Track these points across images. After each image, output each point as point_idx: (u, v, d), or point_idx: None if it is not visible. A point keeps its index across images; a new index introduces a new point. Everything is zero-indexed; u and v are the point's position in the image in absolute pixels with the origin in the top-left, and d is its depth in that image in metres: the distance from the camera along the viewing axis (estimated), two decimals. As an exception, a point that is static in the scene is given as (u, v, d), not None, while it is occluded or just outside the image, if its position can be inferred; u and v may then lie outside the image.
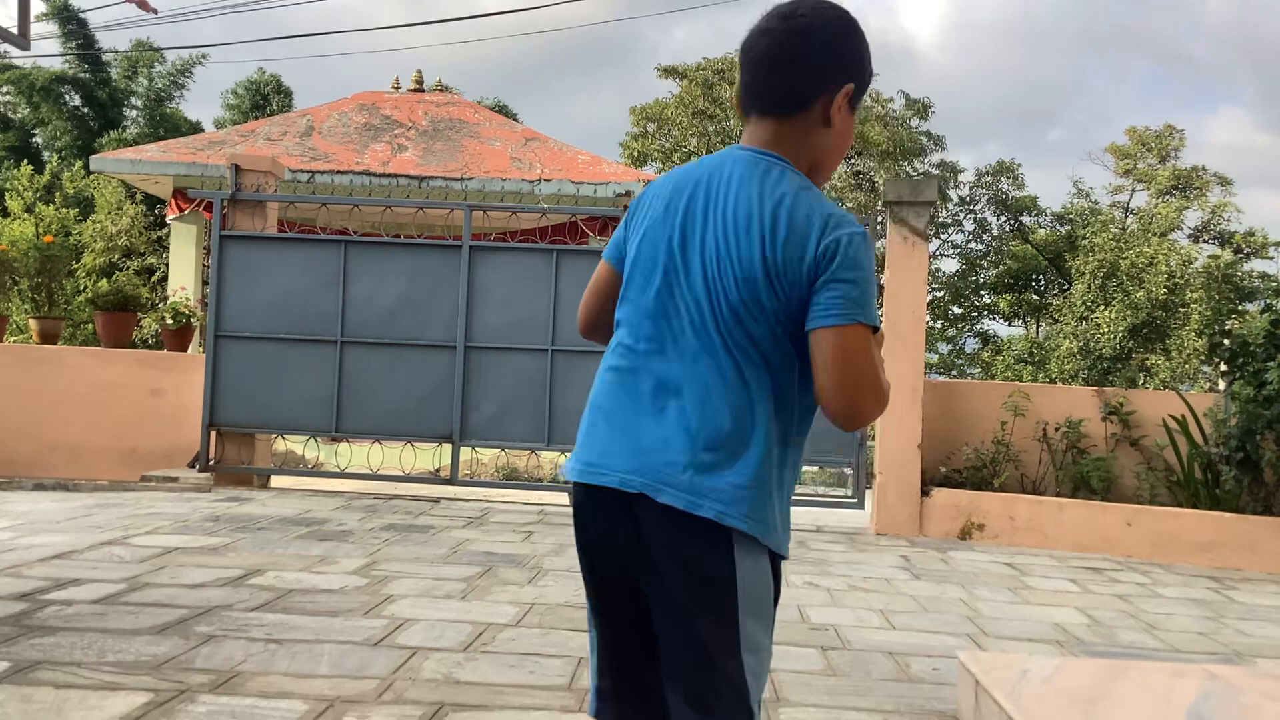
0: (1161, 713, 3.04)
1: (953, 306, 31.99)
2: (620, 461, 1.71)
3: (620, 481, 1.70)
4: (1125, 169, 31.38)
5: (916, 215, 8.03)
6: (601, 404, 1.79)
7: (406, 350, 8.38)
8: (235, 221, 8.62)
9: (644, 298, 1.76)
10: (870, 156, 29.84)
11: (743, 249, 1.68)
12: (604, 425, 1.77)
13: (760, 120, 1.78)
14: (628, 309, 1.80)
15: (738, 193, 1.72)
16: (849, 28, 1.78)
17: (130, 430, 8.75)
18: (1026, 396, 8.15)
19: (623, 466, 1.71)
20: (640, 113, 30.92)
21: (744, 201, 1.70)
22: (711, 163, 1.78)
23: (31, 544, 5.53)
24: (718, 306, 1.69)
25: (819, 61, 1.75)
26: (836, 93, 1.76)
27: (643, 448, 1.70)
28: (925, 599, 5.42)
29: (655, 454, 1.69)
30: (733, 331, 1.69)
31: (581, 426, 1.83)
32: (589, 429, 1.80)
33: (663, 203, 1.79)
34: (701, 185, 1.76)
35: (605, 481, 1.72)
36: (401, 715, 3.14)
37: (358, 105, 14.81)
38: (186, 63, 26.92)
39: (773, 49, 1.76)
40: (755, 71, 1.78)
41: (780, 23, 1.76)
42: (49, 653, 3.56)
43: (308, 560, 5.45)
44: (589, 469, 1.75)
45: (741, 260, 1.68)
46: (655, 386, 1.72)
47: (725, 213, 1.71)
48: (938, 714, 3.47)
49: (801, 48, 1.75)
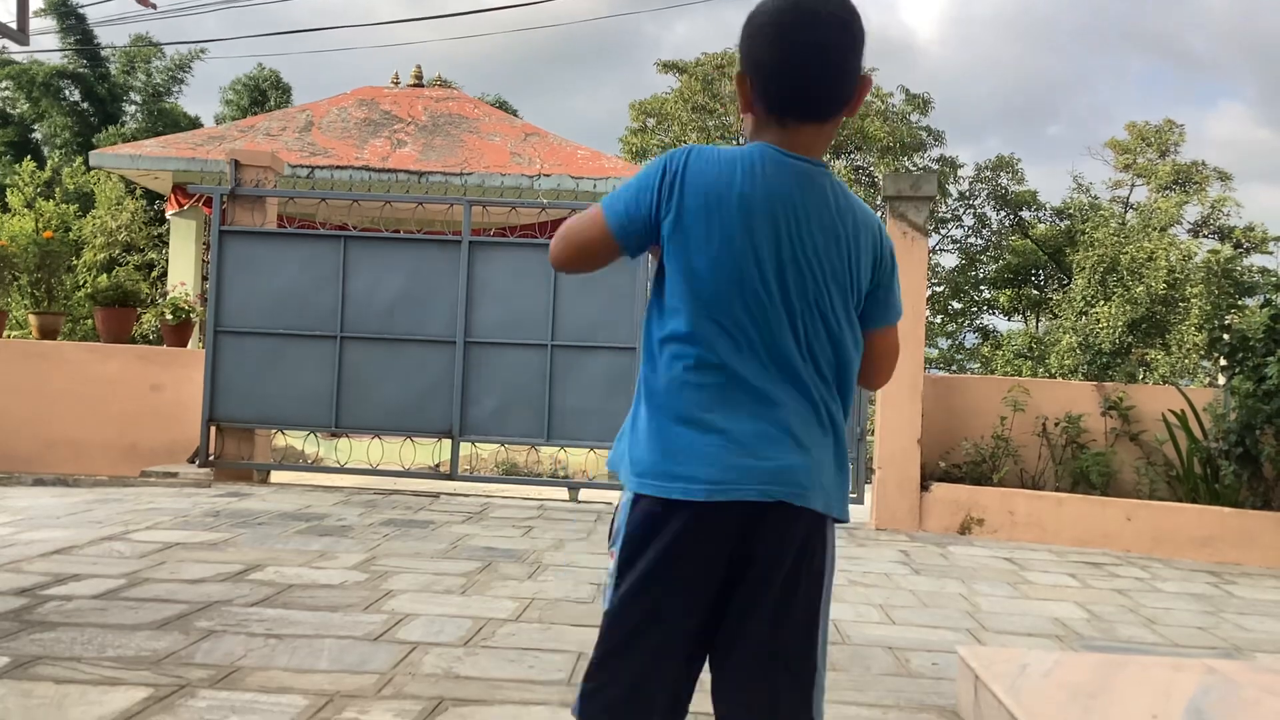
0: (1161, 707, 3.04)
1: (952, 301, 31.98)
2: (744, 474, 1.72)
3: (760, 494, 1.71)
4: (1125, 164, 31.36)
5: (916, 210, 8.03)
6: (697, 416, 1.74)
7: (406, 345, 8.39)
8: (235, 217, 8.62)
9: (729, 312, 1.74)
10: (869, 151, 29.82)
11: (830, 262, 1.77)
12: (714, 438, 1.73)
13: (800, 125, 1.78)
14: (706, 324, 1.75)
15: (817, 209, 1.77)
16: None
17: (130, 426, 8.76)
18: (1026, 391, 8.15)
19: (751, 478, 1.71)
20: (640, 108, 30.90)
21: (823, 217, 1.77)
22: (768, 173, 1.75)
23: (31, 539, 5.53)
24: (806, 317, 1.76)
25: (860, 65, 1.80)
26: (864, 88, 1.82)
27: (765, 456, 1.72)
28: (925, 594, 5.43)
29: (776, 460, 1.73)
30: (816, 335, 1.78)
31: (668, 439, 1.75)
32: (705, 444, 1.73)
33: (734, 216, 1.73)
34: (778, 202, 1.75)
35: (738, 496, 1.71)
36: (401, 710, 3.15)
37: (357, 100, 14.79)
38: (185, 58, 26.90)
39: (837, 62, 1.76)
40: (813, 84, 1.76)
41: (841, 35, 1.75)
42: (49, 648, 3.56)
43: (308, 555, 5.46)
44: (717, 487, 1.71)
45: (829, 272, 1.77)
46: (759, 397, 1.74)
47: (809, 229, 1.76)
48: (937, 709, 3.47)
49: (857, 58, 1.78)
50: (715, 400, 1.74)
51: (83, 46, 25.32)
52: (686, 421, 1.74)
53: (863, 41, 1.78)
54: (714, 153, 1.77)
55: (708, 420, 1.73)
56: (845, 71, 1.77)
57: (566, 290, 8.18)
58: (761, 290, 1.74)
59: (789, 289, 1.75)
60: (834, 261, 1.78)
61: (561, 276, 8.16)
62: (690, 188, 1.74)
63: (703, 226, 1.73)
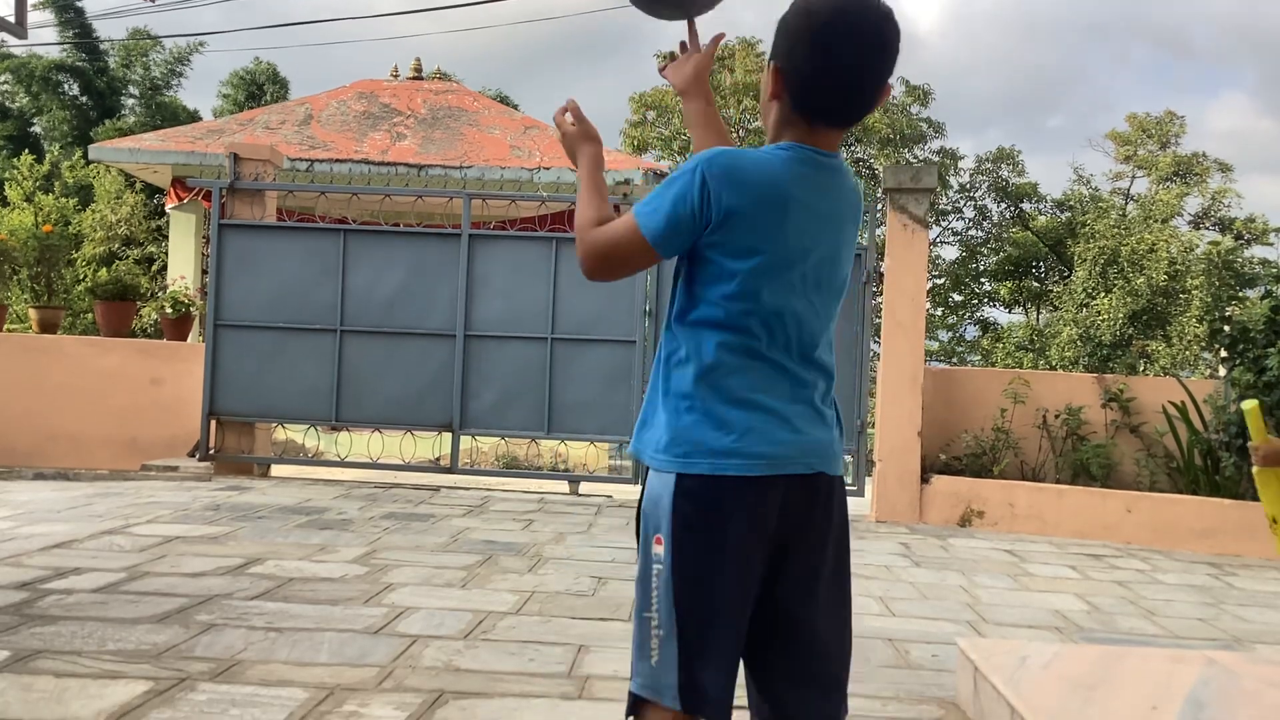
0: (1160, 699, 3.04)
1: (953, 294, 31.97)
2: (793, 449, 1.85)
3: (806, 466, 1.86)
4: (1126, 155, 31.32)
5: (916, 202, 8.02)
6: (747, 397, 1.85)
7: (406, 339, 8.38)
8: (234, 210, 8.61)
9: (770, 303, 1.84)
10: (870, 143, 29.79)
11: (846, 249, 1.95)
12: (763, 416, 1.85)
13: (830, 130, 1.88)
14: (749, 314, 1.84)
15: (847, 205, 1.93)
16: None
17: (130, 420, 8.76)
18: (1026, 384, 8.15)
19: (799, 452, 1.86)
20: (640, 100, 30.85)
21: (847, 211, 1.93)
22: (800, 169, 1.85)
23: (32, 533, 5.54)
24: (827, 303, 1.92)
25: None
26: (886, 95, 1.91)
27: (806, 432, 1.88)
28: (925, 586, 5.43)
29: (815, 435, 1.89)
30: (830, 318, 1.95)
31: (720, 420, 1.84)
32: (759, 422, 1.84)
33: (783, 210, 1.82)
34: (820, 201, 1.87)
35: (790, 470, 1.84)
36: (401, 703, 3.15)
37: (356, 93, 14.77)
38: (184, 51, 26.87)
39: (877, 83, 1.85)
40: (853, 99, 1.86)
41: (885, 58, 1.84)
42: (49, 641, 3.56)
43: (308, 549, 5.46)
44: (773, 462, 1.83)
45: (845, 259, 1.95)
46: (795, 379, 1.88)
47: (839, 224, 1.92)
48: (937, 700, 3.48)
49: (892, 73, 1.89)
50: (760, 383, 1.85)
51: (81, 40, 25.27)
52: (737, 403, 1.83)
53: (898, 55, 1.86)
54: (750, 156, 1.83)
55: (756, 400, 1.84)
56: (882, 88, 1.86)
57: (566, 284, 8.18)
58: (799, 283, 1.86)
59: (821, 281, 1.89)
60: (848, 248, 1.95)
61: (561, 270, 8.16)
62: (735, 190, 1.80)
63: (749, 226, 1.81)
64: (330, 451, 9.79)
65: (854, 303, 8.15)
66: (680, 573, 1.81)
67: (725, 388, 1.84)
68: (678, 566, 1.81)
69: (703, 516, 1.81)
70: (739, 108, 29.42)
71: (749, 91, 29.24)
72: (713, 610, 1.81)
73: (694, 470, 1.81)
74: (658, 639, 1.82)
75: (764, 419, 1.84)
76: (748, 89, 29.24)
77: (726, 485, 1.81)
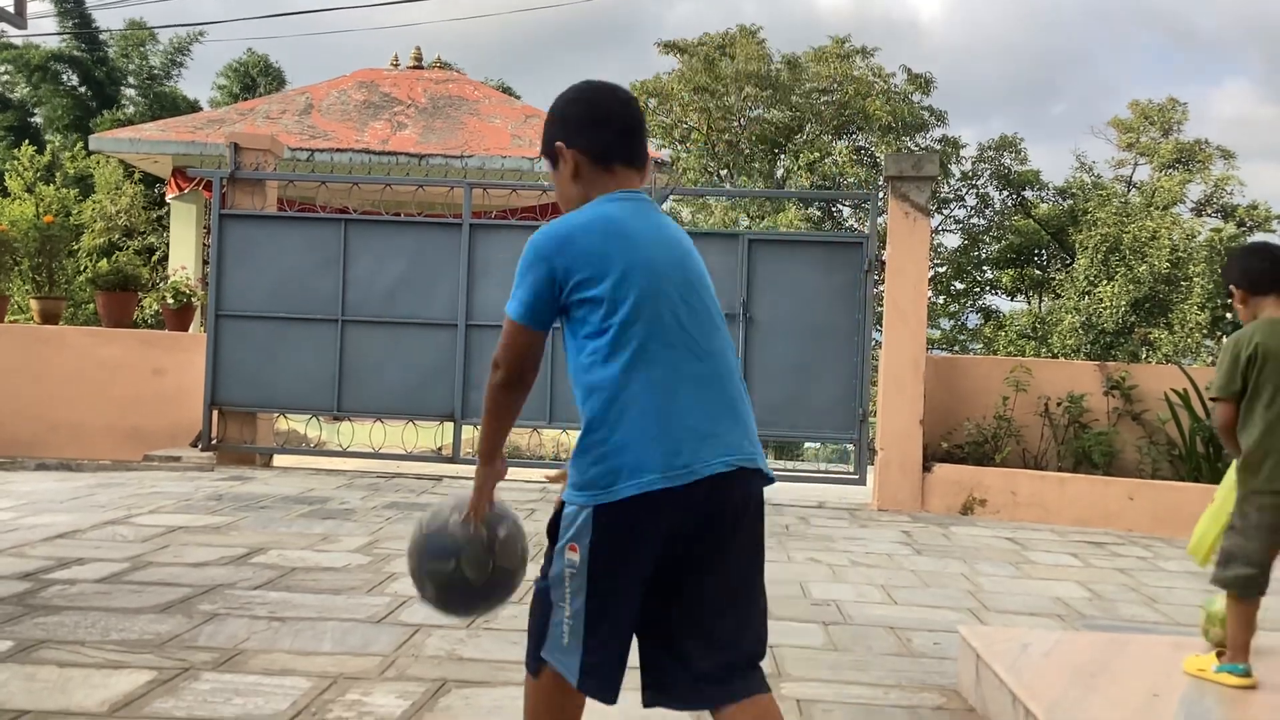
0: (1162, 686, 3.05)
1: (955, 282, 31.90)
2: (726, 448, 2.04)
3: (726, 465, 2.01)
4: (1128, 143, 31.21)
5: (918, 190, 8.00)
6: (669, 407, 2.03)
7: (407, 329, 8.38)
8: (235, 200, 8.60)
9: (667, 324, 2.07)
10: (870, 131, 29.71)
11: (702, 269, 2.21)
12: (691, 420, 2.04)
13: (628, 171, 2.20)
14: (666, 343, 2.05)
15: (677, 232, 2.22)
16: None
17: (132, 410, 8.76)
18: (1028, 371, 8.14)
19: (732, 452, 2.04)
20: (641, 88, 30.74)
21: (683, 237, 2.22)
22: (628, 213, 2.14)
23: (34, 524, 5.55)
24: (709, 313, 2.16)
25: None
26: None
27: (732, 430, 2.08)
28: (927, 574, 5.44)
29: (742, 433, 2.09)
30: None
31: (667, 434, 2.01)
32: (687, 428, 2.02)
33: (632, 252, 2.08)
34: (654, 232, 2.14)
35: (718, 469, 2.00)
36: (404, 692, 3.16)
37: (357, 83, 14.74)
38: (184, 40, 26.76)
39: (642, 120, 2.25)
40: (636, 135, 2.22)
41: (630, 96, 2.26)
42: (53, 632, 3.57)
43: (310, 539, 5.47)
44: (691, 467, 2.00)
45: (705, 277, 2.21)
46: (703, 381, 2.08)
47: (684, 247, 2.19)
48: (939, 688, 3.48)
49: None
50: (687, 390, 2.05)
51: (81, 30, 25.20)
52: (661, 412, 2.03)
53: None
54: (572, 225, 2.13)
55: (681, 409, 2.04)
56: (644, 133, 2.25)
57: (567, 272, 8.16)
58: (682, 297, 2.10)
59: (699, 295, 2.15)
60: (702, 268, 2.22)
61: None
62: (583, 259, 2.09)
63: (609, 276, 2.06)
64: (332, 441, 9.80)
65: (855, 291, 8.15)
66: (597, 579, 2.02)
67: (654, 400, 2.11)
68: (595, 572, 2.02)
69: (629, 529, 2.03)
70: (739, 94, 29.35)
71: (750, 79, 29.18)
72: (616, 613, 2.04)
73: (630, 492, 2.02)
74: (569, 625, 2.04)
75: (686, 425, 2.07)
76: (749, 77, 29.17)
77: (659, 498, 2.03)
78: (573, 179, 2.19)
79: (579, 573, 2.01)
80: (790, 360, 8.16)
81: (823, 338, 8.16)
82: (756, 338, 8.19)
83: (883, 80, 29.99)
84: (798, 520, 7.08)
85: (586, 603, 2.01)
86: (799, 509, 7.66)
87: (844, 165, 28.34)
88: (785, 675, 3.51)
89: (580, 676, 2.03)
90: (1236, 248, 7.49)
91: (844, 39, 30.37)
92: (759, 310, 8.20)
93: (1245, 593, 3.02)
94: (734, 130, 30.11)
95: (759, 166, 29.99)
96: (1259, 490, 3.01)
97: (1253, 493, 3.03)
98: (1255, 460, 3.02)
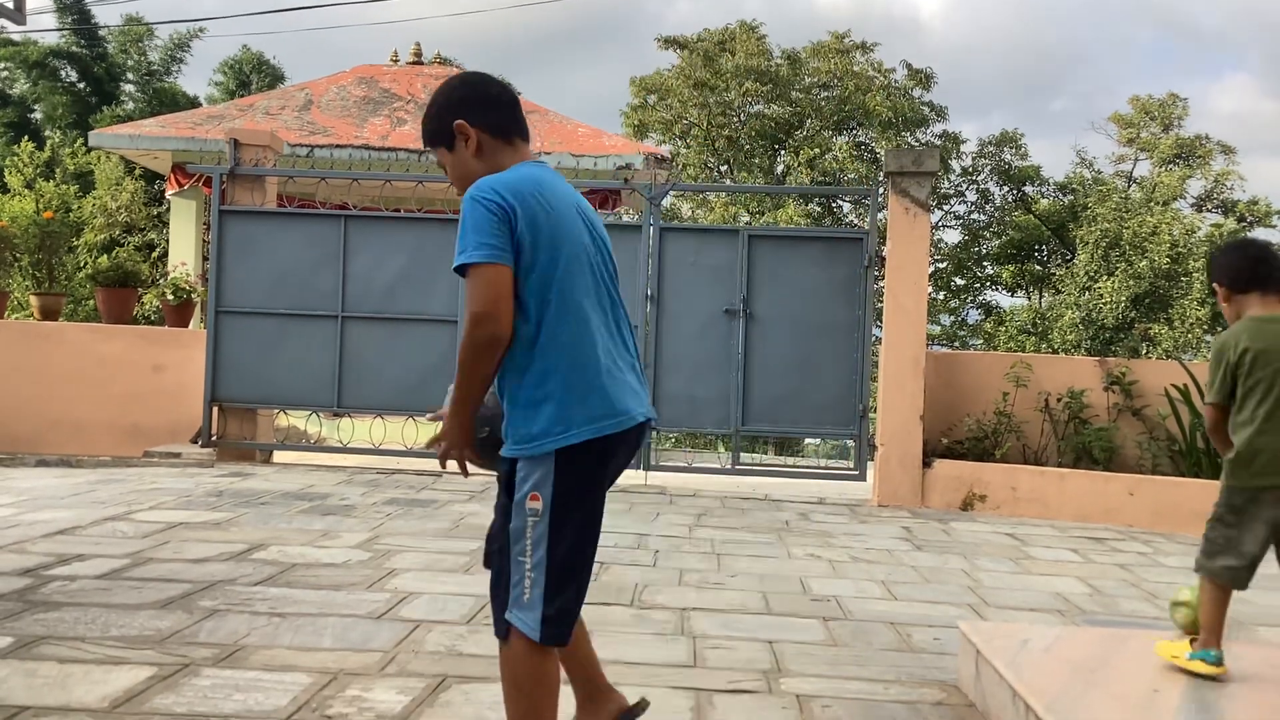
0: (1162, 681, 3.05)
1: (955, 277, 31.92)
2: (638, 400, 2.33)
3: (643, 415, 2.31)
4: (1128, 138, 31.21)
5: (918, 186, 7.99)
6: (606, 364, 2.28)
7: (408, 325, 8.37)
8: (234, 196, 8.59)
9: (588, 281, 2.30)
10: (871, 127, 29.69)
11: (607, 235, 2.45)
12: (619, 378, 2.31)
13: (524, 144, 2.41)
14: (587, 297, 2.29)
15: (585, 202, 2.43)
16: None
17: (132, 406, 8.76)
18: (1029, 367, 8.14)
19: (642, 403, 2.34)
20: (641, 84, 30.74)
21: (589, 207, 2.43)
22: (550, 177, 2.34)
23: (35, 520, 5.55)
24: (614, 277, 2.41)
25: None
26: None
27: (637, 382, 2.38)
28: (927, 570, 5.44)
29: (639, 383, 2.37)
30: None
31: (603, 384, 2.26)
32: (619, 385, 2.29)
33: (556, 213, 2.26)
34: (569, 197, 2.33)
35: (635, 421, 2.28)
36: (405, 687, 3.16)
37: (356, 78, 14.72)
38: (184, 37, 26.76)
39: (518, 99, 2.45)
40: (521, 112, 2.43)
41: (506, 81, 2.58)
42: (53, 628, 3.57)
43: (311, 535, 5.47)
44: (631, 415, 2.28)
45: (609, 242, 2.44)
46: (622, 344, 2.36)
47: (593, 215, 2.42)
48: (939, 684, 3.49)
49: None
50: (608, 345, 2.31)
51: (80, 26, 25.18)
52: (602, 368, 2.26)
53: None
54: (509, 180, 2.24)
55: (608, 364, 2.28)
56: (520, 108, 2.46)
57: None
58: (597, 260, 2.35)
59: (602, 256, 2.38)
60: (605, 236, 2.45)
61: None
62: (529, 208, 2.22)
63: (539, 225, 2.23)
64: (332, 437, 9.80)
65: (855, 286, 8.15)
66: (569, 524, 2.23)
67: (600, 356, 2.38)
68: (567, 518, 2.23)
69: (589, 474, 2.29)
70: (739, 90, 29.32)
71: (750, 75, 29.15)
72: (587, 557, 2.29)
73: (582, 437, 2.24)
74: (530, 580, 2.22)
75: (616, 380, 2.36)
76: (749, 72, 29.15)
77: (610, 441, 2.28)
78: (475, 155, 2.35)
79: (541, 519, 2.19)
80: (790, 356, 8.17)
81: (823, 333, 8.16)
82: (757, 333, 8.19)
83: (883, 76, 29.98)
84: (797, 516, 7.08)
85: (548, 552, 2.18)
86: (799, 504, 7.66)
87: (844, 161, 28.34)
88: (785, 670, 3.51)
89: (540, 628, 2.18)
90: (1220, 244, 7.50)
91: (844, 34, 30.35)
92: (759, 306, 8.20)
93: (1229, 585, 3.04)
94: (734, 126, 30.10)
95: (759, 162, 29.97)
96: (1250, 484, 3.02)
97: (1244, 486, 3.03)
98: (1248, 456, 3.02)
